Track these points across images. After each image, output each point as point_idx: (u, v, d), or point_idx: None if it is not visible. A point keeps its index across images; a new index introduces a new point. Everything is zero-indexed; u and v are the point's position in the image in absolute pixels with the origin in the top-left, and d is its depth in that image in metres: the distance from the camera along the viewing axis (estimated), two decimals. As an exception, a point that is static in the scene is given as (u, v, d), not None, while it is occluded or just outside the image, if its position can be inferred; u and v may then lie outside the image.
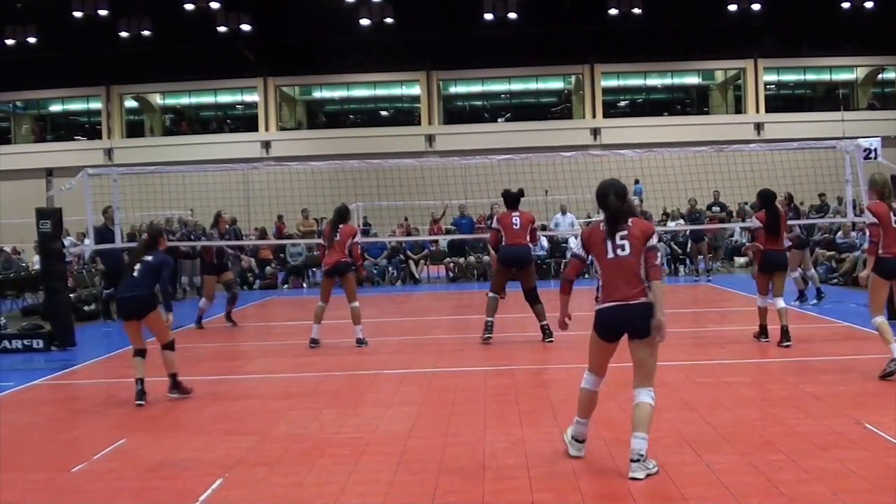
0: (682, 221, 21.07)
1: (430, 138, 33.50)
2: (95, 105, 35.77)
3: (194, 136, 34.93)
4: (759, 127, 32.60)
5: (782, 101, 35.27)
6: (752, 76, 33.50)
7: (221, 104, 37.21)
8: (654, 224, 14.82)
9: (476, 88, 36.58)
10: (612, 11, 30.89)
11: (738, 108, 34.72)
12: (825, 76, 35.62)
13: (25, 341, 11.53)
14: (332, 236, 10.76)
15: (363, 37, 32.95)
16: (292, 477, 5.35)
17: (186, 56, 33.10)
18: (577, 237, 20.75)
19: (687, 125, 32.76)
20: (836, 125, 26.67)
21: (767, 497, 4.66)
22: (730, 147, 17.55)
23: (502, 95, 36.87)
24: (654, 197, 20.44)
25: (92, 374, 9.39)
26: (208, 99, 36.86)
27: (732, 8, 31.20)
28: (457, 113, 36.72)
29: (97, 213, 14.98)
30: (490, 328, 10.59)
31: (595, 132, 32.93)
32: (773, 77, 34.87)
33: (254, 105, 35.34)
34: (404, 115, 36.18)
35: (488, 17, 31.57)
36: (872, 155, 13.60)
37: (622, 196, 5.17)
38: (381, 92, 36.46)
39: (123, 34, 32.11)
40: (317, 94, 37.53)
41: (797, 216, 17.07)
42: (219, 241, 13.79)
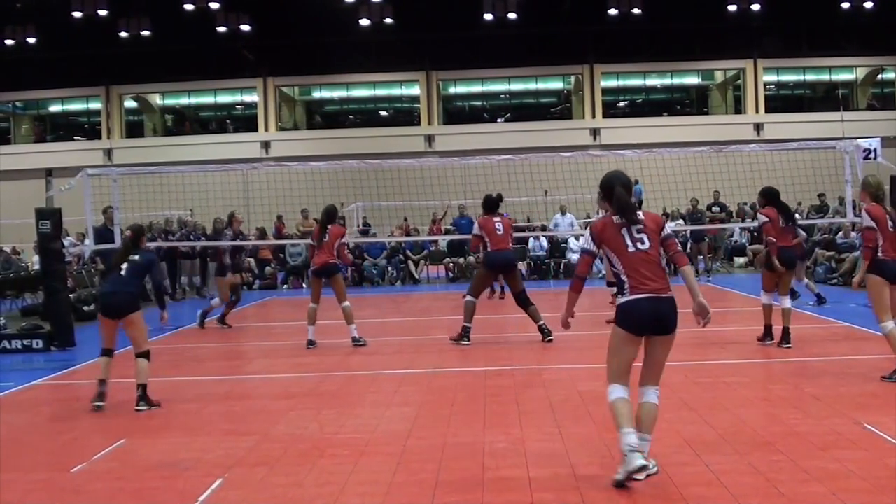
0: (681, 222, 21.07)
1: (429, 138, 33.50)
2: (95, 105, 35.77)
3: (194, 137, 34.92)
4: (758, 127, 32.60)
5: (782, 101, 35.26)
6: (751, 76, 33.49)
7: (221, 104, 37.21)
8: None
9: (476, 89, 36.57)
10: (612, 11, 30.89)
11: (738, 109, 34.72)
12: (825, 76, 35.63)
13: (25, 341, 11.54)
14: (321, 237, 10.80)
15: (363, 37, 32.94)
16: (292, 477, 5.35)
17: (186, 56, 33.10)
18: (577, 238, 20.50)
19: (686, 125, 32.74)
20: (836, 125, 26.68)
21: (767, 497, 4.66)
22: (729, 147, 17.59)
23: (502, 95, 36.86)
24: (653, 197, 20.43)
25: (91, 374, 9.35)
26: (208, 99, 36.86)
27: (732, 8, 31.19)
28: (456, 113, 36.71)
29: (97, 214, 15.01)
30: (468, 334, 10.47)
31: (595, 132, 32.93)
32: (772, 77, 34.86)
33: (253, 105, 35.34)
34: (404, 115, 36.18)
35: (488, 17, 31.55)
36: (872, 155, 13.62)
37: (628, 187, 5.05)
38: (381, 92, 36.45)
39: (123, 34, 32.11)
40: (316, 95, 37.53)
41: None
42: (230, 242, 13.85)
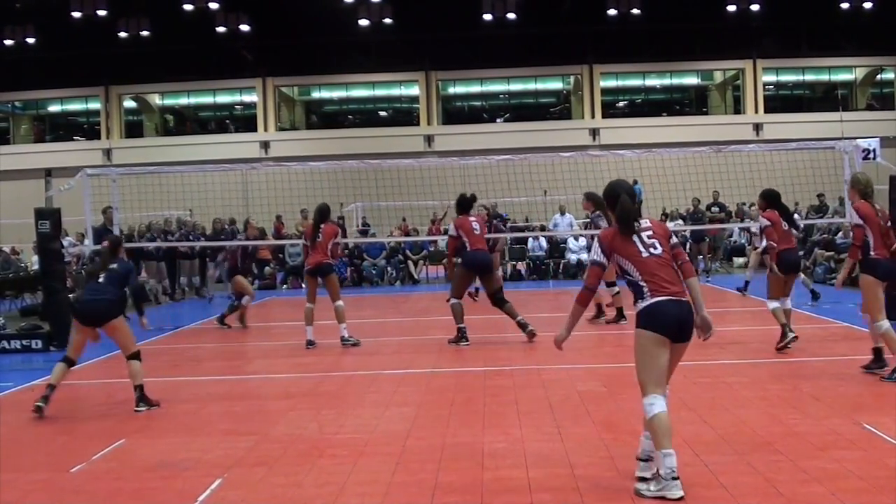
0: (681, 222, 21.07)
1: (428, 139, 33.49)
2: (94, 105, 35.76)
3: (193, 137, 34.93)
4: (757, 127, 32.60)
5: (781, 101, 35.27)
6: (750, 76, 33.50)
7: (220, 104, 37.21)
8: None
9: (475, 89, 36.56)
10: (612, 12, 30.87)
11: (737, 109, 34.73)
12: (824, 76, 35.65)
13: (24, 341, 11.54)
14: (314, 236, 10.78)
15: (362, 37, 32.95)
16: (291, 477, 5.35)
17: (185, 56, 33.08)
18: (577, 238, 20.37)
19: (686, 125, 32.75)
20: (835, 125, 26.64)
21: (766, 497, 4.66)
22: (729, 147, 17.56)
23: (501, 96, 36.86)
24: (653, 197, 20.44)
25: (91, 374, 9.38)
26: (207, 99, 36.85)
27: (731, 8, 31.19)
28: (456, 113, 36.71)
29: (96, 214, 15.02)
30: (465, 335, 10.47)
31: (594, 132, 32.93)
32: (771, 77, 34.86)
33: (253, 105, 35.34)
34: (403, 115, 36.17)
35: (487, 17, 31.54)
36: (871, 155, 13.62)
37: (633, 195, 5.00)
38: (380, 92, 36.45)
39: (122, 34, 32.08)
40: (316, 95, 37.52)
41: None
42: (241, 242, 14.44)
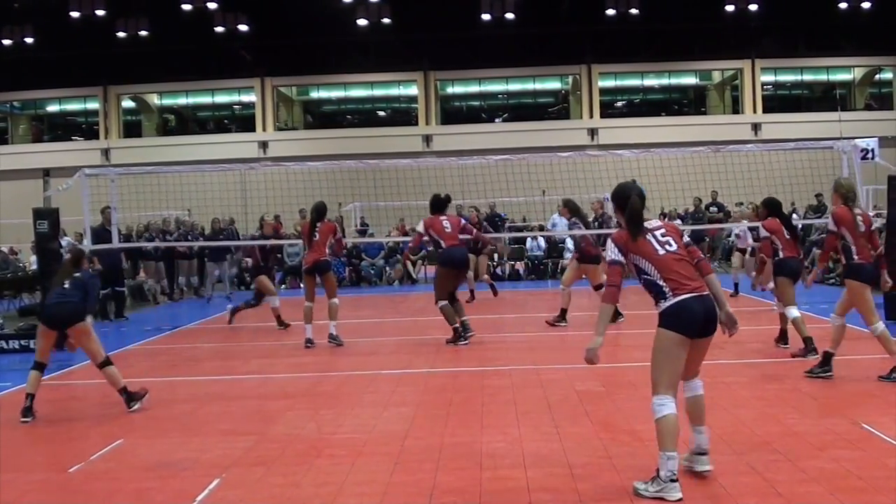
0: (679, 222, 21.08)
1: (427, 138, 33.48)
2: (93, 105, 35.71)
3: (191, 137, 34.91)
4: (756, 127, 32.61)
5: (780, 101, 35.27)
6: (749, 76, 33.51)
7: (219, 104, 37.18)
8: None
9: (473, 89, 36.54)
10: (610, 12, 30.83)
11: (736, 109, 34.73)
12: (822, 76, 35.64)
13: (23, 341, 11.51)
14: (311, 235, 10.78)
15: (360, 37, 32.92)
16: (290, 477, 5.35)
17: (184, 56, 33.04)
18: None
19: (684, 125, 32.73)
20: (834, 125, 26.63)
21: (765, 497, 4.67)
22: (727, 147, 17.55)
23: (500, 96, 36.85)
24: (651, 197, 20.30)
25: (89, 374, 9.34)
26: (205, 99, 36.83)
27: (730, 8, 31.16)
28: (454, 113, 36.68)
29: (94, 214, 15.00)
30: (461, 334, 10.35)
31: (592, 132, 32.93)
32: (770, 77, 34.86)
33: (251, 105, 35.31)
34: (402, 115, 36.16)
35: (486, 17, 31.49)
36: (869, 155, 13.63)
37: (643, 197, 5.01)
38: (379, 92, 36.43)
39: (121, 34, 32.00)
40: (314, 95, 37.49)
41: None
42: (262, 241, 14.43)
